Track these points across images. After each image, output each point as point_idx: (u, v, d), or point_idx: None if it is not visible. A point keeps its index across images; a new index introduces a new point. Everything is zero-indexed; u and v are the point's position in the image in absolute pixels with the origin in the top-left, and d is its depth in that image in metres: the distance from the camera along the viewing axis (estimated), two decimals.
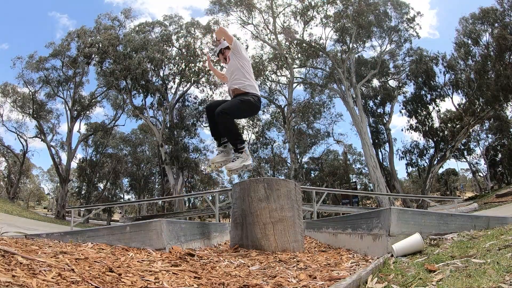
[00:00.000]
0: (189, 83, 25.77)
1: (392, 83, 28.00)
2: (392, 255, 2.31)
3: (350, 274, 1.89)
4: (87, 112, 27.80)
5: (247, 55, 3.48)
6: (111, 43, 22.41)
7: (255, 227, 3.29)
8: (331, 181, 33.49)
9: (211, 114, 3.23)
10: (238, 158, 3.30)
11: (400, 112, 27.58)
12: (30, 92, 25.77)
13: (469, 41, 23.26)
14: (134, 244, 2.62)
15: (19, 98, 27.28)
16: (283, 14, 24.65)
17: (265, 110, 27.83)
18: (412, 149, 28.52)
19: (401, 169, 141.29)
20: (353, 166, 37.83)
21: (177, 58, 25.20)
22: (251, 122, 27.28)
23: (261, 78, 26.06)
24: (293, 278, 1.92)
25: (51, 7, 64.51)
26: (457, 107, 24.87)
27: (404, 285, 1.55)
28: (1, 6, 40.03)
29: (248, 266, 2.39)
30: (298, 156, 27.79)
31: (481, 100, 22.66)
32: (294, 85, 26.31)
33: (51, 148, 25.72)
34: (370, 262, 2.35)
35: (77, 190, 33.84)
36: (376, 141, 27.82)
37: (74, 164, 30.12)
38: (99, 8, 71.22)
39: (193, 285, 1.70)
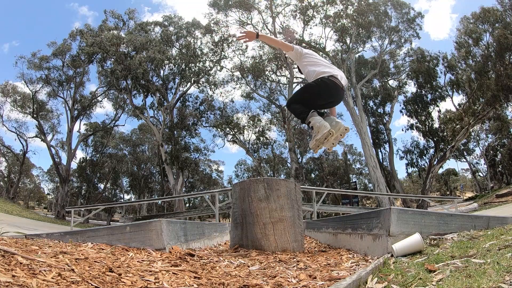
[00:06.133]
0: (189, 83, 25.79)
1: (392, 83, 28.02)
2: (392, 255, 2.30)
3: (350, 274, 1.88)
4: (88, 112, 27.82)
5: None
6: (113, 43, 22.43)
7: (255, 227, 3.29)
8: (331, 181, 33.50)
9: None
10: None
11: (401, 112, 27.57)
12: (31, 92, 25.80)
13: (470, 41, 23.23)
14: (134, 244, 2.62)
15: (19, 97, 27.30)
16: (282, 14, 24.67)
17: (265, 110, 27.90)
18: (412, 149, 28.51)
19: (401, 169, 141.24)
20: (353, 166, 37.89)
21: (177, 58, 25.22)
22: (251, 122, 27.31)
23: (261, 78, 26.06)
24: (293, 278, 1.92)
25: None
26: (457, 107, 24.86)
27: (404, 285, 1.55)
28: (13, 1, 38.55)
29: (248, 266, 2.39)
30: (298, 156, 27.79)
31: (481, 100, 22.64)
32: (294, 85, 26.30)
33: (51, 148, 25.73)
34: (370, 262, 2.35)
35: (77, 190, 33.85)
36: (376, 141, 27.80)
37: (74, 164, 30.15)
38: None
39: (193, 285, 1.70)
